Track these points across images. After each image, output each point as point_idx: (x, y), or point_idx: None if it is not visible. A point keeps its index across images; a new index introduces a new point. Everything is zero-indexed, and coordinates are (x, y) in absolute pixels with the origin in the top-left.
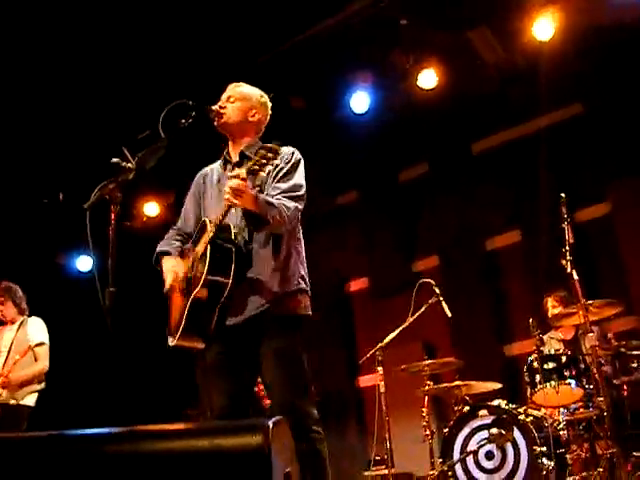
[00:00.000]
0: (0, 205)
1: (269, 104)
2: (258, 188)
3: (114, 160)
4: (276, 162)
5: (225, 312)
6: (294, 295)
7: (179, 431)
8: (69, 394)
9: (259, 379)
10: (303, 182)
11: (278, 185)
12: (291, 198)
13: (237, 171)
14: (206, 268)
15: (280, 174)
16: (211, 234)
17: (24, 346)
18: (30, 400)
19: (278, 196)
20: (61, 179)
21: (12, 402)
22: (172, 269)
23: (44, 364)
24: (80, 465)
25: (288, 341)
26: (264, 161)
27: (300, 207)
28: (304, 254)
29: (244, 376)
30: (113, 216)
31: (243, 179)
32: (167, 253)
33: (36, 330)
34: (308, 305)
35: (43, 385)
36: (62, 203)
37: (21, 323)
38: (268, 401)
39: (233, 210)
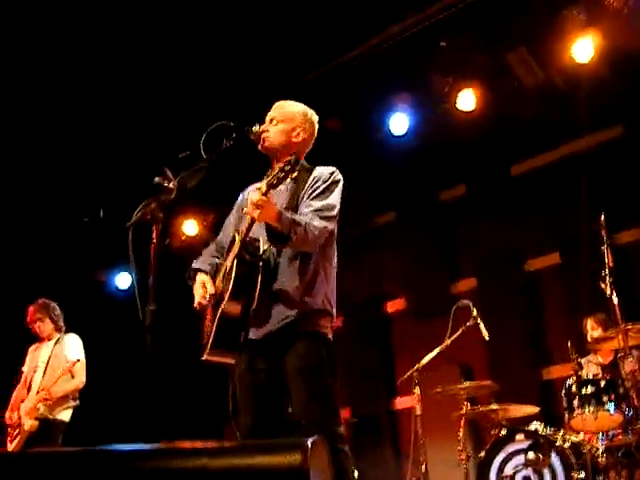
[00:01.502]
0: (41, 222)
1: (315, 120)
2: (290, 204)
3: (156, 180)
4: (315, 174)
5: (249, 326)
6: (317, 314)
7: (217, 449)
8: (108, 411)
9: None
10: (337, 203)
11: (311, 202)
12: (322, 217)
13: (258, 185)
14: (232, 282)
15: (316, 192)
16: (237, 248)
17: (61, 362)
18: (65, 416)
19: (309, 214)
20: (102, 197)
21: (50, 417)
22: (200, 287)
23: (80, 380)
24: None
25: (313, 358)
26: (282, 174)
27: (330, 227)
28: (334, 276)
29: (269, 393)
30: (155, 235)
31: (264, 194)
32: (199, 270)
33: (73, 347)
34: (329, 328)
35: (78, 402)
36: (102, 220)
37: (57, 340)
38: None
39: (264, 230)
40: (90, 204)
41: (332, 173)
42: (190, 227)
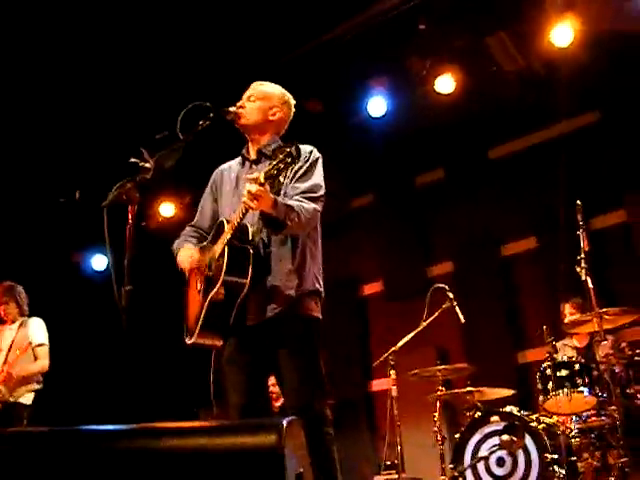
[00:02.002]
0: (17, 203)
1: (292, 103)
2: (277, 189)
3: (133, 160)
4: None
5: (243, 313)
6: (310, 296)
7: (192, 429)
8: (82, 392)
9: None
10: (322, 182)
11: (297, 185)
12: (310, 199)
13: (256, 174)
14: (224, 269)
15: (299, 173)
16: (229, 235)
17: (24, 345)
18: (27, 399)
19: (297, 197)
20: (78, 178)
21: (11, 399)
22: (188, 256)
23: (44, 363)
24: (93, 461)
25: (305, 342)
26: (282, 165)
27: (319, 208)
28: (320, 255)
29: (259, 375)
30: (131, 216)
31: (261, 184)
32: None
33: (37, 330)
34: (319, 309)
35: (41, 385)
36: (78, 202)
37: (21, 323)
38: (277, 403)
39: (253, 216)
40: (66, 185)
41: (311, 152)
42: (167, 209)
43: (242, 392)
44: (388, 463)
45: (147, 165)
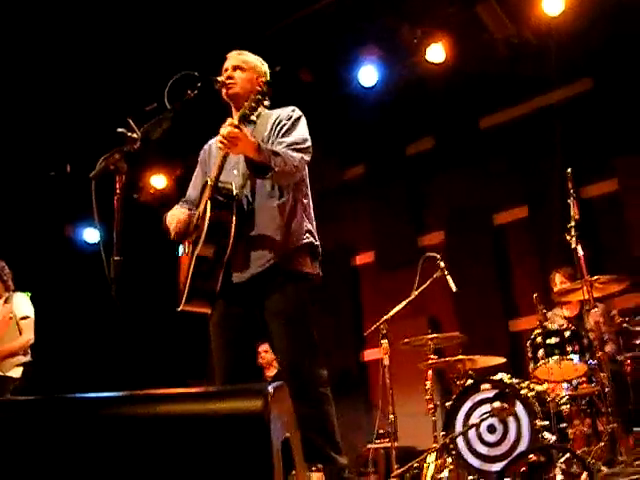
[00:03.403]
0: (8, 177)
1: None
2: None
3: (119, 130)
4: (275, 116)
5: (229, 270)
6: (301, 251)
7: (176, 395)
8: (74, 364)
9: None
10: (307, 135)
11: (282, 140)
12: (296, 150)
13: (229, 121)
14: (206, 224)
15: (283, 130)
16: (209, 191)
17: (5, 319)
18: (15, 372)
19: (283, 149)
20: (69, 151)
21: None
22: (173, 217)
23: (29, 337)
24: (75, 428)
25: (295, 300)
26: (254, 104)
27: (306, 158)
28: (312, 209)
29: (247, 336)
30: (119, 186)
31: (236, 126)
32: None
33: (21, 304)
34: (316, 263)
35: (29, 358)
36: (69, 175)
37: (6, 299)
38: (269, 372)
39: (235, 171)
40: (57, 158)
41: (293, 110)
42: (158, 180)
43: (229, 354)
44: (381, 432)
45: (134, 135)
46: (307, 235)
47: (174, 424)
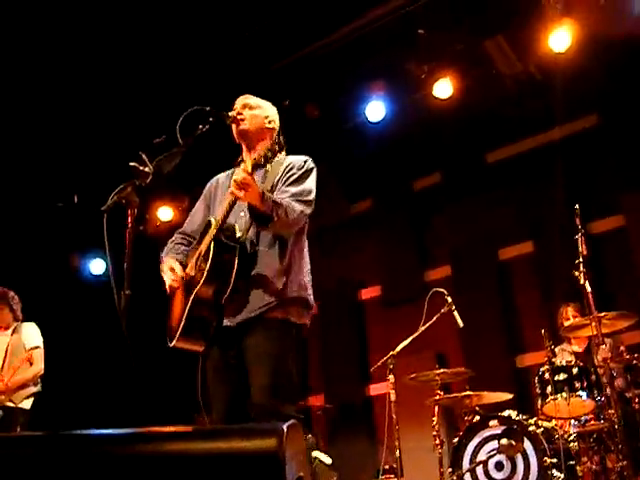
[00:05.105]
0: (16, 207)
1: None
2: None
3: (132, 164)
4: (287, 163)
5: (223, 313)
6: (292, 302)
7: (193, 433)
8: (81, 397)
9: None
10: (313, 188)
11: (287, 188)
12: (299, 202)
13: (243, 166)
14: (208, 265)
15: (291, 179)
16: (214, 231)
17: (20, 350)
18: (27, 404)
19: (287, 198)
20: (76, 182)
21: (10, 404)
22: (169, 269)
23: (39, 367)
24: (92, 466)
25: (275, 344)
26: (269, 154)
27: (307, 212)
28: (308, 264)
29: (241, 380)
30: (130, 219)
31: (249, 173)
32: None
33: (31, 334)
34: (305, 314)
35: (39, 388)
36: (76, 206)
37: (15, 329)
38: None
39: (242, 213)
40: (64, 189)
41: (305, 161)
42: (165, 212)
43: (225, 398)
44: (387, 467)
45: (146, 169)
46: (300, 289)
47: (190, 462)
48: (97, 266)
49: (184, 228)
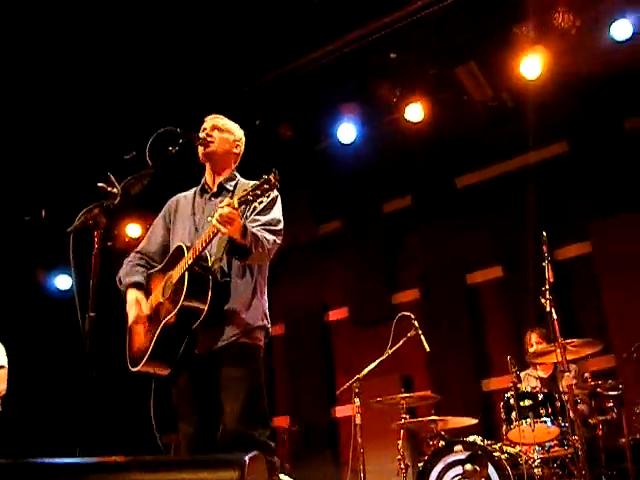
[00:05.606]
0: None
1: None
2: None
3: (100, 185)
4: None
5: (194, 341)
6: (257, 330)
7: (153, 463)
8: (36, 418)
9: None
10: (281, 217)
11: (257, 217)
12: (270, 232)
13: (228, 200)
14: (183, 295)
15: (259, 208)
16: (190, 261)
17: None
18: None
19: (257, 228)
20: (44, 196)
21: None
22: (135, 304)
23: (1, 387)
24: None
25: (247, 370)
26: (258, 192)
27: (278, 241)
28: (266, 291)
29: (210, 404)
30: (96, 241)
31: (235, 208)
32: (135, 284)
33: None
34: (263, 340)
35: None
36: (44, 220)
37: None
38: None
39: (214, 244)
40: (32, 203)
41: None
42: (133, 229)
43: (194, 423)
44: None
45: (114, 190)
46: (263, 317)
47: None
48: (63, 281)
49: (141, 248)
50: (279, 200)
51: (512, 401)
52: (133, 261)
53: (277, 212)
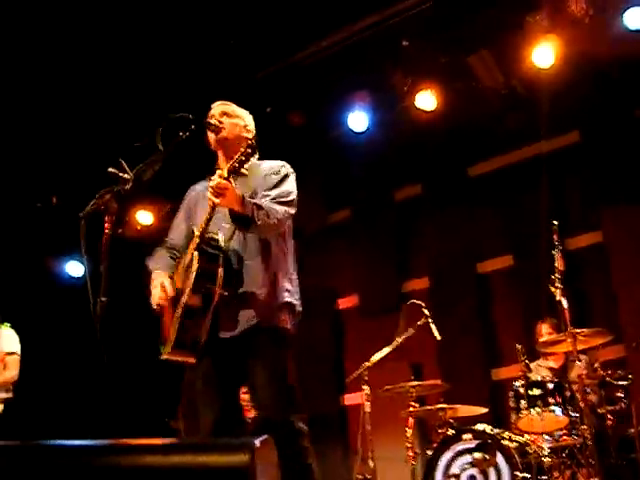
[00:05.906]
0: None
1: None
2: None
3: (111, 170)
4: (264, 168)
5: (217, 324)
6: (282, 309)
7: (162, 446)
8: (50, 404)
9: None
10: (293, 189)
11: (267, 193)
12: (280, 203)
13: (218, 172)
14: (193, 274)
15: (270, 184)
16: (197, 240)
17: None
18: None
19: (268, 202)
20: (55, 183)
21: None
22: (160, 285)
23: (12, 374)
24: (63, 478)
25: (278, 356)
26: (243, 158)
27: (291, 211)
28: (295, 268)
29: (232, 390)
30: (107, 226)
31: (225, 178)
32: (156, 269)
33: (8, 339)
34: (294, 323)
35: (10, 394)
36: (55, 207)
37: None
38: (250, 414)
39: (226, 225)
40: (43, 190)
41: (283, 166)
42: (145, 217)
43: (215, 408)
44: (360, 477)
45: (126, 176)
46: (287, 294)
47: (161, 476)
48: (74, 268)
49: (167, 241)
50: (292, 176)
51: (521, 390)
52: (161, 251)
53: (289, 185)
